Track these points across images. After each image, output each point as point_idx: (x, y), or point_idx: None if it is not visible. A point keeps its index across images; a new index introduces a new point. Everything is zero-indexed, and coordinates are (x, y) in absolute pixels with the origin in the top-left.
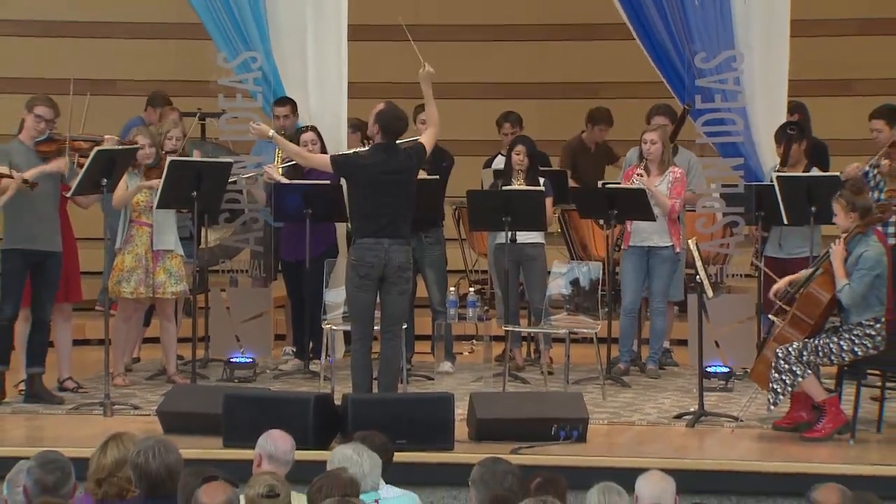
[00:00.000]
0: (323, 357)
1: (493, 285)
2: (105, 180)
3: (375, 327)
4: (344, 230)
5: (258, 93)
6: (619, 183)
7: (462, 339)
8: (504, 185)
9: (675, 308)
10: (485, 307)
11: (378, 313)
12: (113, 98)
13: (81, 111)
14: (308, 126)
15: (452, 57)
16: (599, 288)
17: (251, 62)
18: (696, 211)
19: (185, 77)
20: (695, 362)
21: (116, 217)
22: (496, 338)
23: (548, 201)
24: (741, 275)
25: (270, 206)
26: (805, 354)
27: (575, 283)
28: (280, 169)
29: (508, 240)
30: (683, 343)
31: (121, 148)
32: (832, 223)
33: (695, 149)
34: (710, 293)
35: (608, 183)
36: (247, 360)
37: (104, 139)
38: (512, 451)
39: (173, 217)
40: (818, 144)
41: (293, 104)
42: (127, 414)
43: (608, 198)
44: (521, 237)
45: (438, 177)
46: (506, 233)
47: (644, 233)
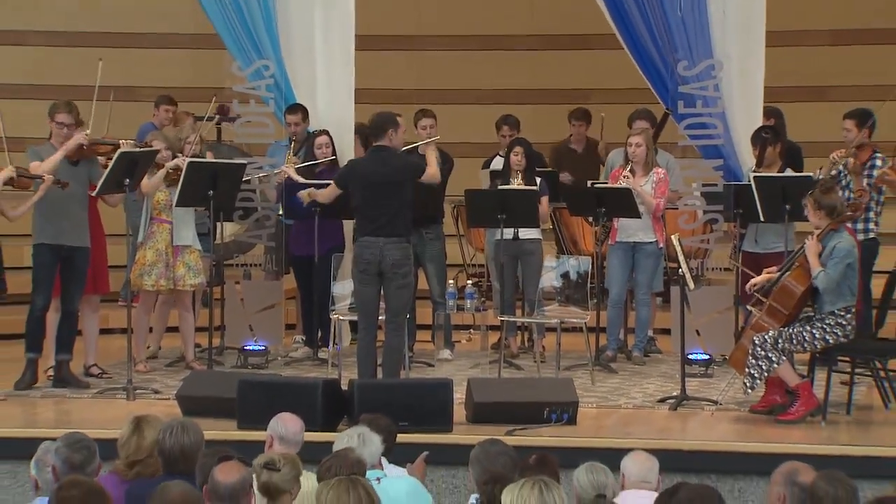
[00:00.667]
0: (331, 345)
1: (491, 278)
2: (127, 180)
3: (381, 317)
4: (351, 227)
5: (270, 98)
6: (607, 183)
7: (460, 329)
8: (503, 184)
9: (658, 299)
10: (482, 299)
11: (382, 305)
12: (134, 104)
13: (105, 116)
14: (321, 130)
15: (452, 65)
16: (588, 281)
17: (264, 70)
18: (679, 209)
19: (202, 84)
20: (677, 350)
21: (138, 215)
22: (492, 327)
23: (544, 200)
24: (720, 268)
25: (281, 205)
26: (780, 342)
27: (565, 277)
28: (293, 168)
29: (511, 236)
30: (667, 332)
31: (142, 150)
32: (805, 220)
33: (677, 151)
34: (692, 285)
35: (597, 183)
36: (259, 348)
37: (122, 143)
38: (507, 433)
39: (191, 214)
40: (792, 147)
41: (304, 111)
42: (148, 398)
43: (597, 197)
44: (522, 233)
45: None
46: (500, 229)
47: (630, 229)
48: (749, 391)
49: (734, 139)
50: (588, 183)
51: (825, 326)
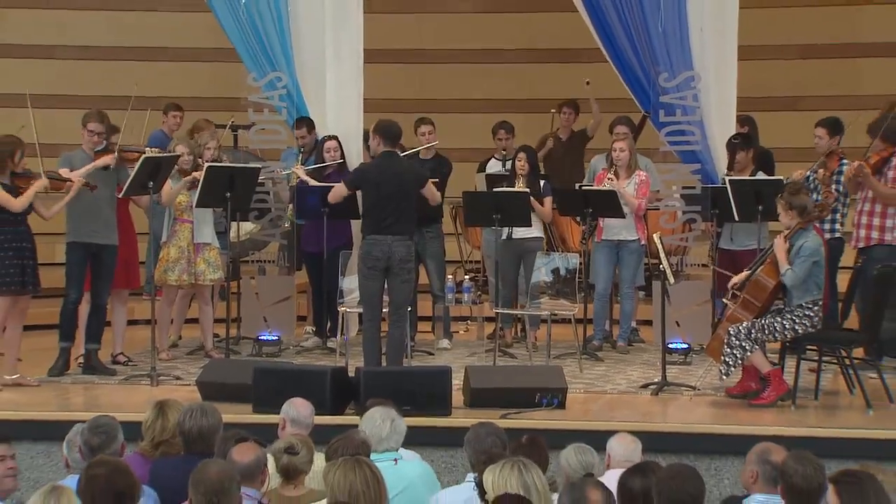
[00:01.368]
0: (339, 335)
1: (487, 273)
2: (151, 183)
3: (385, 310)
4: (358, 226)
5: (283, 108)
6: (593, 185)
7: (458, 320)
8: (508, 186)
9: (641, 293)
10: (478, 292)
11: (386, 298)
12: (157, 113)
13: (140, 125)
14: (331, 135)
15: (451, 77)
16: (576, 276)
17: (277, 81)
18: (660, 209)
19: (220, 94)
20: (658, 339)
21: (160, 216)
22: (488, 318)
23: (547, 200)
24: (698, 264)
25: (293, 206)
26: (753, 332)
27: (555, 272)
28: (303, 170)
29: (505, 236)
30: (648, 323)
31: (165, 155)
32: (777, 220)
33: (658, 156)
34: (672, 280)
35: (584, 185)
36: (273, 338)
37: (148, 150)
38: (501, 417)
39: (210, 214)
40: (764, 152)
41: (309, 123)
42: (170, 384)
43: (584, 198)
44: (523, 232)
45: (438, 180)
46: (495, 228)
47: (614, 228)
48: (724, 377)
49: (711, 145)
50: (576, 185)
51: (794, 318)
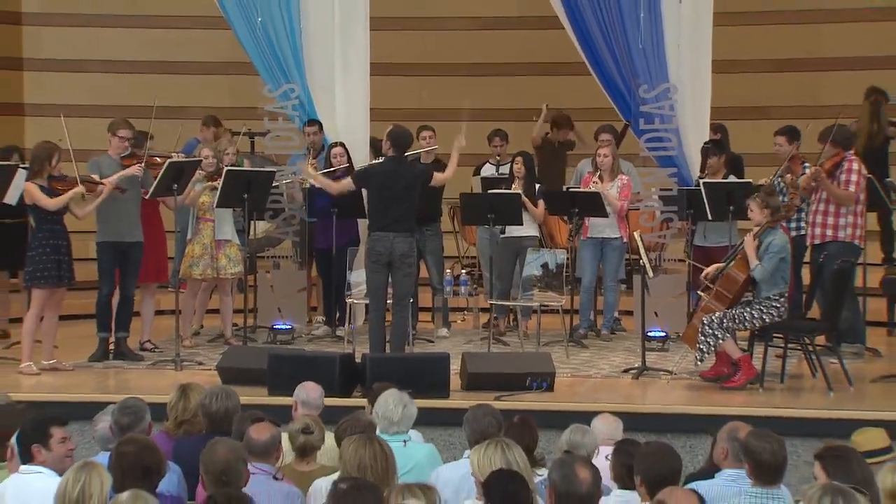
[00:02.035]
0: (346, 325)
1: (481, 268)
2: (175, 185)
3: (389, 301)
4: (365, 225)
5: (296, 116)
6: (580, 187)
7: (456, 311)
8: (506, 188)
9: (623, 286)
10: (473, 285)
11: (390, 291)
12: (178, 121)
13: (175, 134)
14: (337, 142)
15: (449, 87)
16: (564, 270)
17: (290, 92)
18: (640, 209)
19: (238, 104)
20: (639, 328)
21: (184, 216)
22: (483, 309)
23: (540, 203)
24: (675, 259)
25: (305, 206)
26: (725, 322)
27: (545, 266)
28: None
29: (500, 233)
30: (629, 313)
31: (188, 160)
32: (747, 219)
33: (638, 161)
34: (651, 274)
35: (571, 187)
36: (287, 327)
37: (173, 155)
38: (495, 399)
39: (230, 214)
40: (735, 158)
41: (320, 124)
42: (193, 369)
43: (571, 199)
44: (520, 231)
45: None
46: (489, 226)
47: (598, 227)
48: (699, 363)
49: (686, 151)
50: (564, 188)
51: (762, 308)
